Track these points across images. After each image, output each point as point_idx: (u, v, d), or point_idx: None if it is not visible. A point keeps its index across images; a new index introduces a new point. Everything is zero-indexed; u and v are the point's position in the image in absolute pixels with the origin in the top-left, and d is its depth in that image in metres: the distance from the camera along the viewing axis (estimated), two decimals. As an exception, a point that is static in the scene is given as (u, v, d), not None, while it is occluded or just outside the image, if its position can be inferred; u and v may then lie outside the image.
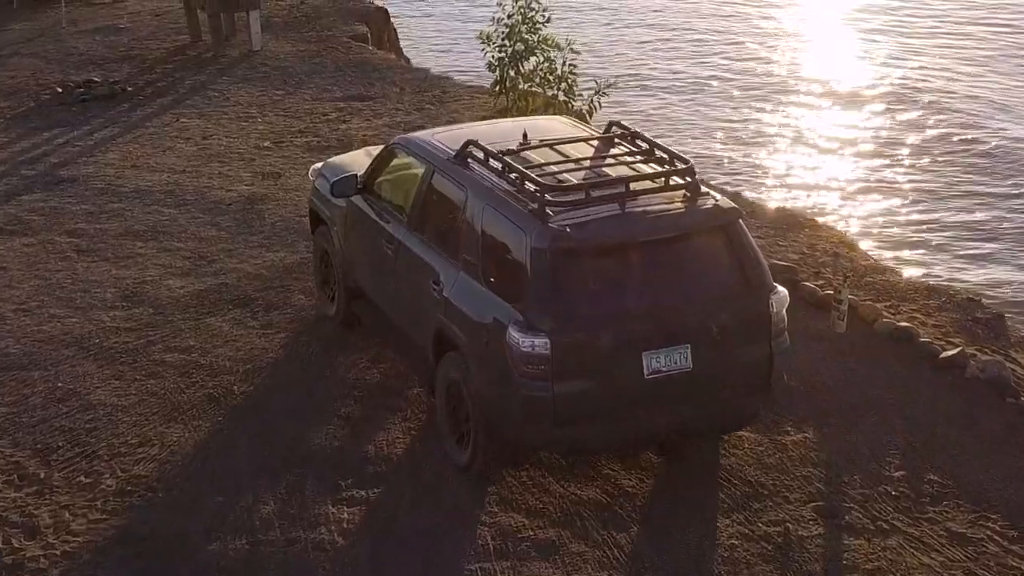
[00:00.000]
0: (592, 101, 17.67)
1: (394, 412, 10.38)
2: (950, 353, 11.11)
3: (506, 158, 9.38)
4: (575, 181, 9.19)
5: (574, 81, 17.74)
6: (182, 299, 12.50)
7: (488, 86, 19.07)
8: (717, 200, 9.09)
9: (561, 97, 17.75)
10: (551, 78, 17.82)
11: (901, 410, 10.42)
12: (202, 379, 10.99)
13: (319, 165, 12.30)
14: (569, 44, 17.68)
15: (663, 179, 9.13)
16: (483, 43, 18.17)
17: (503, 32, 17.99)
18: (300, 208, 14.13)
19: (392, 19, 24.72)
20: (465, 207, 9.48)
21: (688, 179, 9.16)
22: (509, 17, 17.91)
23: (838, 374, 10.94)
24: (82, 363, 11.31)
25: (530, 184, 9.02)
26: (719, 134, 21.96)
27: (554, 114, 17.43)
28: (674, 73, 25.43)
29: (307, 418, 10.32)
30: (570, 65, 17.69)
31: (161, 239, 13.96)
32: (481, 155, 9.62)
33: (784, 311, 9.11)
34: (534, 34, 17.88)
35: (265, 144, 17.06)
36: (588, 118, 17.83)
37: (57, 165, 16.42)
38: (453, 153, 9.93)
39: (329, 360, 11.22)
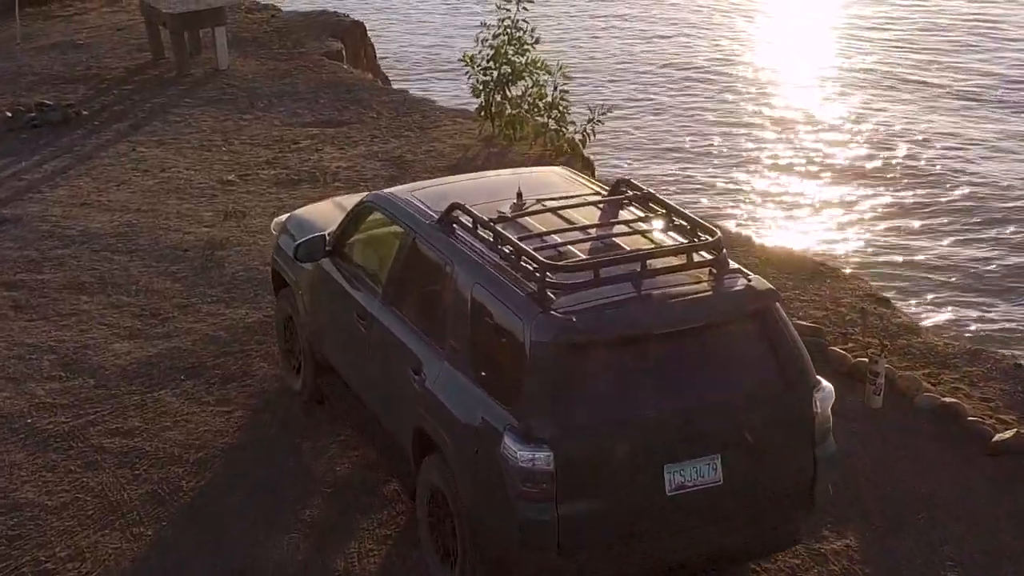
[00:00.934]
0: (586, 129, 16.24)
1: (368, 514, 8.94)
2: (1005, 436, 9.70)
3: (498, 227, 7.92)
4: (581, 256, 7.75)
5: (566, 108, 16.28)
6: (128, 367, 11.02)
7: (472, 110, 17.68)
8: (750, 280, 7.64)
9: (552, 125, 16.29)
10: (541, 104, 16.37)
11: (953, 508, 9.01)
12: (146, 471, 9.52)
13: (283, 218, 10.85)
14: (560, 68, 16.23)
15: (686, 255, 7.68)
16: (467, 65, 16.73)
17: (488, 54, 16.55)
18: (265, 254, 12.67)
19: (369, 34, 23.19)
20: (450, 284, 8.03)
21: (715, 254, 7.72)
22: (494, 37, 16.46)
23: (878, 461, 9.54)
24: (10, 450, 9.83)
25: (527, 260, 7.57)
26: (718, 167, 20.39)
27: (545, 143, 16.15)
28: (668, 94, 24.00)
29: (267, 523, 8.86)
30: (561, 91, 16.22)
31: (109, 292, 12.48)
32: (469, 221, 8.18)
33: (829, 410, 7.69)
34: (521, 56, 16.45)
35: (229, 178, 15.58)
36: (582, 147, 16.48)
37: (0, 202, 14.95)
38: (436, 216, 8.49)
39: (293, 446, 9.77)
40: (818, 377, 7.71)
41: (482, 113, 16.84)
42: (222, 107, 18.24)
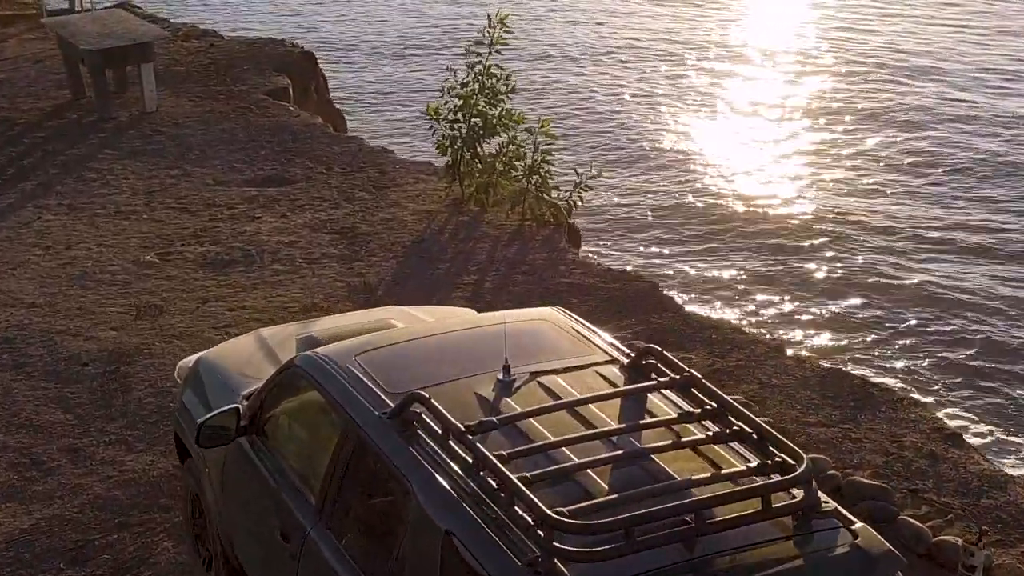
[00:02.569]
0: (572, 197, 13.76)
1: None
2: None
3: (478, 444, 5.39)
4: (604, 493, 5.23)
5: (548, 173, 13.77)
6: (-7, 548, 8.48)
7: (437, 162, 15.20)
8: (856, 535, 5.14)
9: (532, 191, 13.79)
10: (519, 165, 13.88)
11: None
12: None
13: (190, 360, 8.31)
14: (542, 125, 13.71)
15: (761, 497, 5.17)
16: (431, 119, 14.21)
17: (455, 104, 14.03)
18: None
19: (321, 65, 20.60)
20: (410, 519, 5.51)
21: (803, 494, 5.22)
22: (463, 86, 13.93)
23: None
24: None
25: (525, 507, 5.05)
26: (725, 243, 17.59)
27: (523, 212, 13.69)
28: (661, 149, 21.40)
29: None
30: (542, 152, 13.70)
31: (-18, 427, 9.92)
32: (437, 427, 5.65)
33: None
34: (494, 107, 13.93)
35: (147, 257, 12.99)
36: (568, 216, 14.00)
37: None
38: (389, 406, 5.96)
39: None
40: (955, 673, 5.27)
41: (450, 170, 14.35)
42: (147, 160, 15.68)
